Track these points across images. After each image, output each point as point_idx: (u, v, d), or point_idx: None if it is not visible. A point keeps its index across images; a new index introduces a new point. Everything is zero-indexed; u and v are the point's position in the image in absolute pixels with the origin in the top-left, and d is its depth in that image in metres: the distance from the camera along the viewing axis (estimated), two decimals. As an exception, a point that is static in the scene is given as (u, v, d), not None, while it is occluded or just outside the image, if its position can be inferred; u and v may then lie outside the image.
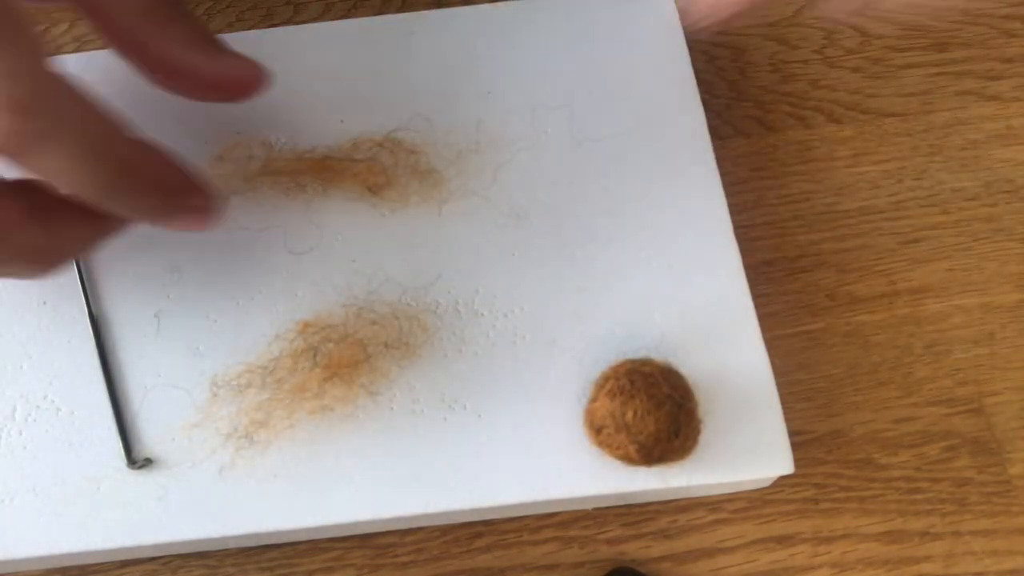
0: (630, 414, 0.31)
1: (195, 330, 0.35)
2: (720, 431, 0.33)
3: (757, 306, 0.35)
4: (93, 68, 0.34)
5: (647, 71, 0.39)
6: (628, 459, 0.32)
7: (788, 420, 0.34)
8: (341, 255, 0.36)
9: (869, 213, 0.40)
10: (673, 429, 0.31)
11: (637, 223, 0.37)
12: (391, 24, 0.41)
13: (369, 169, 0.37)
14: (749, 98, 0.43)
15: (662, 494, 0.34)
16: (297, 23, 0.43)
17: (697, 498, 0.35)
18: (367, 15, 0.43)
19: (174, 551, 0.33)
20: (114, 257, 0.35)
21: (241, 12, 0.44)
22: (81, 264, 0.35)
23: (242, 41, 0.34)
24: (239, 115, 0.37)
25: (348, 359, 0.34)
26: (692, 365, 0.34)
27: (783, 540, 0.34)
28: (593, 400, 0.33)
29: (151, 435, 0.33)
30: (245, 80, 0.34)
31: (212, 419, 0.33)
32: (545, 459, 0.33)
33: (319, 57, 0.40)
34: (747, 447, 0.33)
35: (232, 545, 0.33)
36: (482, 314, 0.35)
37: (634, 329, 0.35)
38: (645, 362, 0.33)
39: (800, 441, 0.36)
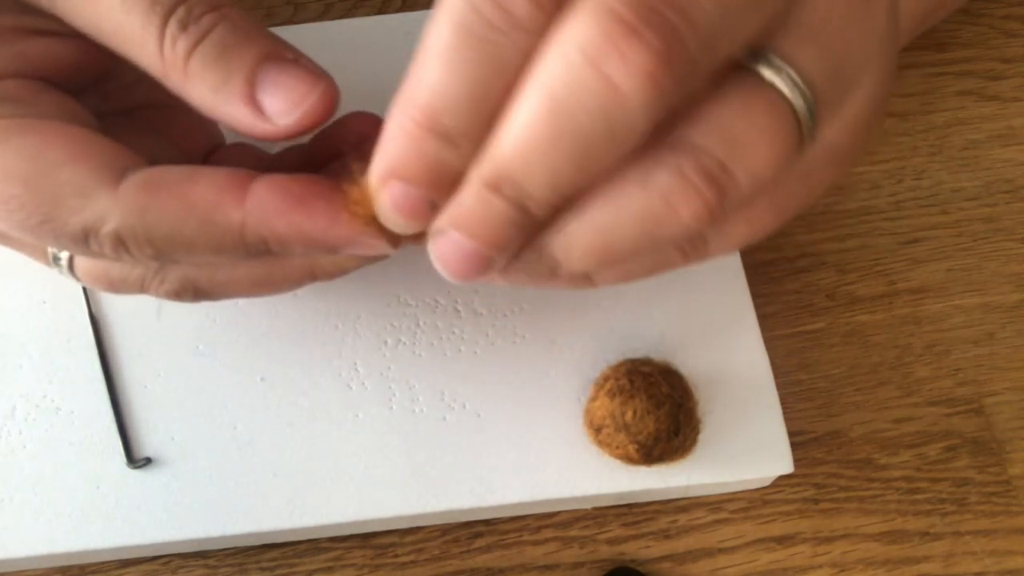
0: (630, 414, 0.31)
1: (195, 330, 0.35)
2: (720, 431, 0.33)
3: (757, 306, 0.35)
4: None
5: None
6: (628, 458, 0.32)
7: (788, 420, 0.34)
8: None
9: (869, 213, 0.40)
10: (672, 428, 0.31)
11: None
12: (391, 24, 0.41)
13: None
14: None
15: (662, 494, 0.34)
16: (297, 23, 0.43)
17: (697, 498, 0.35)
18: (367, 15, 0.43)
19: (174, 551, 0.33)
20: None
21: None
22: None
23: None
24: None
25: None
26: (692, 365, 0.34)
27: (783, 540, 0.34)
28: (593, 399, 0.33)
29: (151, 435, 0.33)
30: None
31: (212, 418, 0.33)
32: (545, 459, 0.33)
33: (319, 57, 0.39)
34: (747, 447, 0.33)
35: (232, 545, 0.33)
36: (482, 313, 0.35)
37: (634, 329, 0.35)
38: (645, 362, 0.33)
39: (800, 441, 0.36)
